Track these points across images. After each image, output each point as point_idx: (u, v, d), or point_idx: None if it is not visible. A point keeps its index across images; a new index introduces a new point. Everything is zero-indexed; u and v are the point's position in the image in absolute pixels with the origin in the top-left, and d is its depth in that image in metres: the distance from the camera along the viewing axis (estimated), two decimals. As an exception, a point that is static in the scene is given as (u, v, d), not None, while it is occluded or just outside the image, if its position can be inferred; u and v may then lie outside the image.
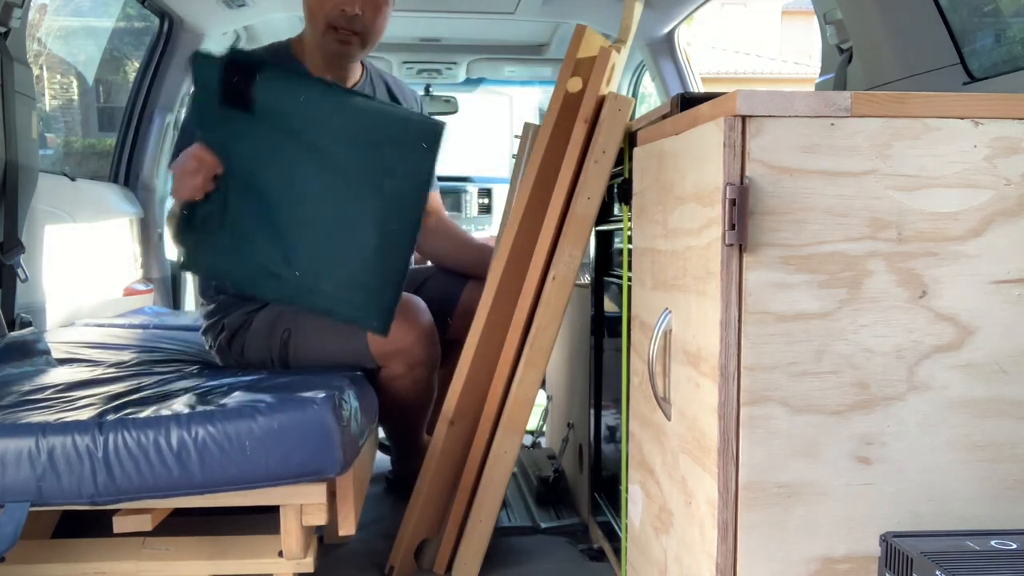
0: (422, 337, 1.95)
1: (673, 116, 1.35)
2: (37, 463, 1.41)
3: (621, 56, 1.85)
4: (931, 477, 1.11)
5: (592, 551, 1.95)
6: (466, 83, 4.74)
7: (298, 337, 1.99)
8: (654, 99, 3.98)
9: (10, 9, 2.23)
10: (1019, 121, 1.10)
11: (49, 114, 4.68)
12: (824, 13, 2.30)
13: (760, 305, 1.07)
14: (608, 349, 1.91)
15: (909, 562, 0.96)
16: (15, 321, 2.27)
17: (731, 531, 1.10)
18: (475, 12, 3.51)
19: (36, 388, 1.71)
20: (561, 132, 1.78)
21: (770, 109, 1.06)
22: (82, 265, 2.87)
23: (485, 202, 5.27)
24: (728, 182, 1.06)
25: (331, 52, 2.05)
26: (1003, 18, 2.20)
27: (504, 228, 1.89)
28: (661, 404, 1.31)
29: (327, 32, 1.99)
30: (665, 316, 1.29)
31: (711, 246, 1.10)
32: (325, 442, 1.48)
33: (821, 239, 1.08)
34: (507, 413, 1.78)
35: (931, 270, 1.10)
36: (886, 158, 1.08)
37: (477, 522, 1.80)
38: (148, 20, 3.46)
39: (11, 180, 2.26)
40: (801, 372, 1.09)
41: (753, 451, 1.09)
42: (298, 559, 1.55)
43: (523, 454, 2.60)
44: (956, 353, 1.11)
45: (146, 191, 3.44)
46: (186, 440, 1.44)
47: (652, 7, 3.18)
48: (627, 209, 1.63)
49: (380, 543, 1.97)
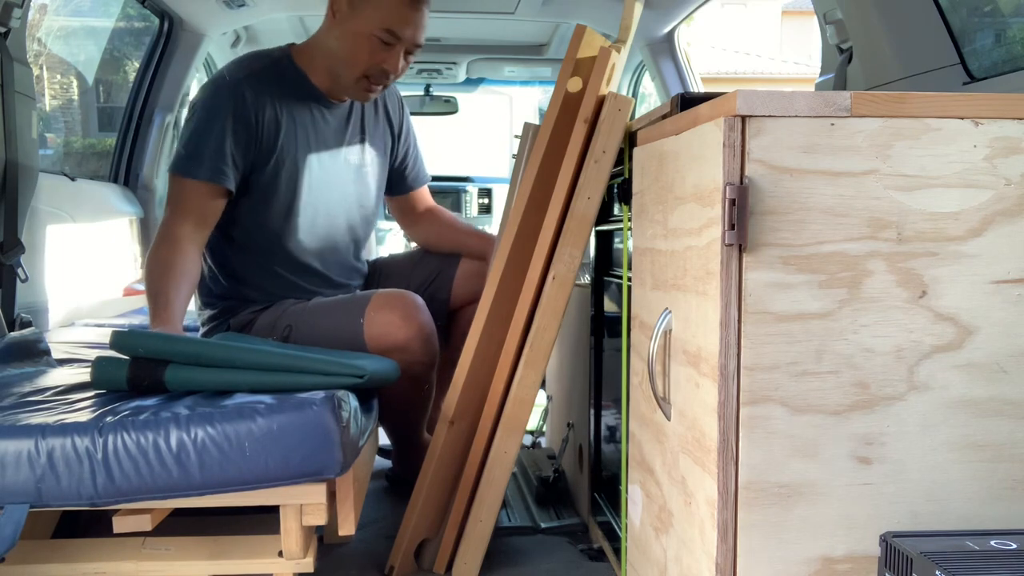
0: (420, 334, 1.95)
1: (673, 116, 1.35)
2: (37, 465, 1.41)
3: (621, 56, 1.85)
4: (931, 477, 1.11)
5: (592, 551, 1.95)
6: (466, 83, 4.74)
7: (298, 333, 2.00)
8: (654, 99, 3.97)
9: (10, 9, 2.23)
10: (1019, 121, 1.10)
11: (49, 114, 4.67)
12: (824, 13, 2.30)
13: (760, 305, 1.07)
14: (608, 349, 1.91)
15: (909, 562, 0.96)
16: (15, 321, 2.27)
17: (731, 531, 1.10)
18: (475, 12, 3.51)
19: (36, 389, 1.70)
20: (561, 132, 1.77)
21: (770, 109, 1.06)
22: (82, 265, 2.86)
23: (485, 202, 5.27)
24: (728, 182, 1.06)
25: (352, 96, 2.10)
26: (1003, 18, 2.20)
27: (504, 228, 1.89)
28: (661, 404, 1.31)
29: (360, 80, 2.03)
30: (665, 316, 1.29)
31: (711, 246, 1.10)
32: (325, 443, 1.48)
33: (821, 239, 1.08)
34: (507, 413, 1.78)
35: (931, 270, 1.10)
36: (886, 158, 1.08)
37: (477, 522, 1.80)
38: (148, 20, 3.46)
39: (11, 180, 2.26)
40: (801, 372, 1.09)
41: (753, 451, 1.09)
42: (298, 559, 1.55)
43: (523, 454, 2.60)
44: (956, 353, 1.11)
45: (146, 191, 3.44)
46: (186, 441, 1.44)
47: (652, 7, 3.18)
48: (627, 209, 1.63)
49: (380, 543, 1.97)
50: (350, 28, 1.99)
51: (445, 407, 1.84)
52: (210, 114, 1.96)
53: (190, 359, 1.63)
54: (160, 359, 1.63)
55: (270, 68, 2.05)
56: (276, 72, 2.05)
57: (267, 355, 1.66)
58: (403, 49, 2.01)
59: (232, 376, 1.62)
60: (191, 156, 1.95)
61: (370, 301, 1.97)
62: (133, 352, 1.65)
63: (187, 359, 1.63)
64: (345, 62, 2.02)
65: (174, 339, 1.67)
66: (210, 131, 1.95)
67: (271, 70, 2.05)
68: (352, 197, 2.20)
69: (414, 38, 2.01)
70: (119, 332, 1.67)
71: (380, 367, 1.74)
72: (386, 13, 1.96)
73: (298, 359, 1.65)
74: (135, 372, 1.63)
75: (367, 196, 2.25)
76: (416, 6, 1.99)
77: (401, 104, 2.37)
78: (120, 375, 1.64)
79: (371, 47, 1.98)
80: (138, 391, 1.64)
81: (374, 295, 2.01)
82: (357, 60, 2.00)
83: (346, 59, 2.01)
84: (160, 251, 1.90)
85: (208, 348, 1.67)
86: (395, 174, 2.35)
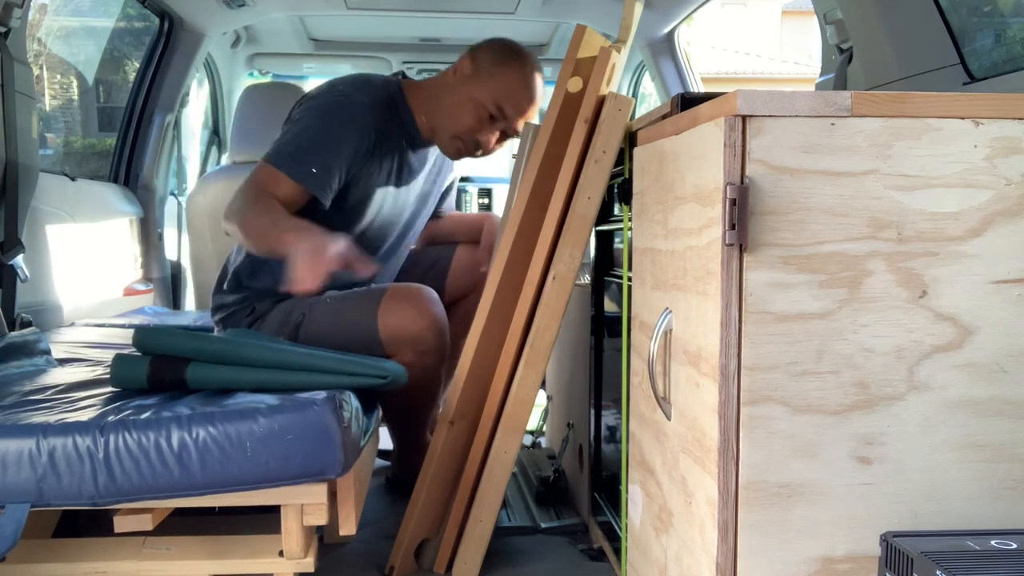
0: (433, 325, 1.97)
1: (673, 116, 1.35)
2: (38, 464, 1.41)
3: (621, 56, 1.85)
4: (931, 477, 1.11)
5: (592, 551, 1.95)
6: (466, 83, 4.74)
7: (311, 321, 2.02)
8: (654, 99, 3.97)
9: (10, 9, 2.23)
10: (1019, 121, 1.10)
11: (49, 114, 4.67)
12: (824, 13, 2.30)
13: (760, 305, 1.08)
14: (608, 349, 1.91)
15: (909, 562, 0.96)
16: (15, 321, 2.28)
17: (731, 531, 1.10)
18: (475, 12, 3.51)
19: (37, 388, 1.71)
20: (561, 132, 1.78)
21: (770, 109, 1.06)
22: (82, 265, 2.86)
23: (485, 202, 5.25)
24: (728, 182, 1.06)
25: (441, 149, 2.15)
26: (1003, 18, 2.20)
27: (504, 228, 1.89)
28: (661, 404, 1.31)
29: (454, 139, 2.09)
30: (665, 316, 1.29)
31: (711, 246, 1.10)
32: (326, 443, 1.48)
33: (821, 239, 1.08)
34: (507, 413, 1.78)
35: (931, 270, 1.10)
36: (886, 158, 1.08)
37: (477, 522, 1.80)
38: (148, 20, 3.46)
39: (11, 180, 2.26)
40: (801, 372, 1.09)
41: (753, 451, 1.09)
42: (298, 559, 1.55)
43: (523, 454, 2.60)
44: (956, 353, 1.11)
45: (146, 191, 3.44)
46: (187, 441, 1.44)
47: (652, 7, 3.18)
48: (627, 209, 1.63)
49: (380, 543, 1.98)
50: (466, 91, 2.05)
51: (445, 407, 1.84)
52: (333, 126, 1.98)
53: (214, 357, 1.64)
54: (181, 357, 1.63)
55: (389, 102, 2.09)
56: (392, 107, 2.09)
57: (290, 354, 1.67)
58: (502, 129, 2.07)
59: (253, 375, 1.62)
60: (300, 159, 1.94)
61: (385, 294, 2.00)
62: (157, 350, 1.65)
63: (211, 357, 1.64)
64: (449, 120, 2.07)
65: (198, 337, 1.67)
66: (328, 143, 1.96)
67: (390, 104, 2.09)
68: (409, 227, 2.28)
69: (516, 124, 2.07)
70: (142, 329, 1.68)
71: (396, 369, 1.76)
72: (504, 92, 2.03)
73: (322, 359, 1.66)
74: (156, 370, 1.64)
75: (416, 229, 2.33)
76: (532, 96, 2.06)
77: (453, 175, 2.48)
78: (140, 373, 1.64)
79: (478, 116, 2.04)
80: (159, 389, 1.64)
81: (389, 288, 2.04)
82: (460, 123, 2.05)
83: (451, 118, 2.07)
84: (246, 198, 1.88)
85: (231, 347, 1.67)
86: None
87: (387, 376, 1.69)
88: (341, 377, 1.64)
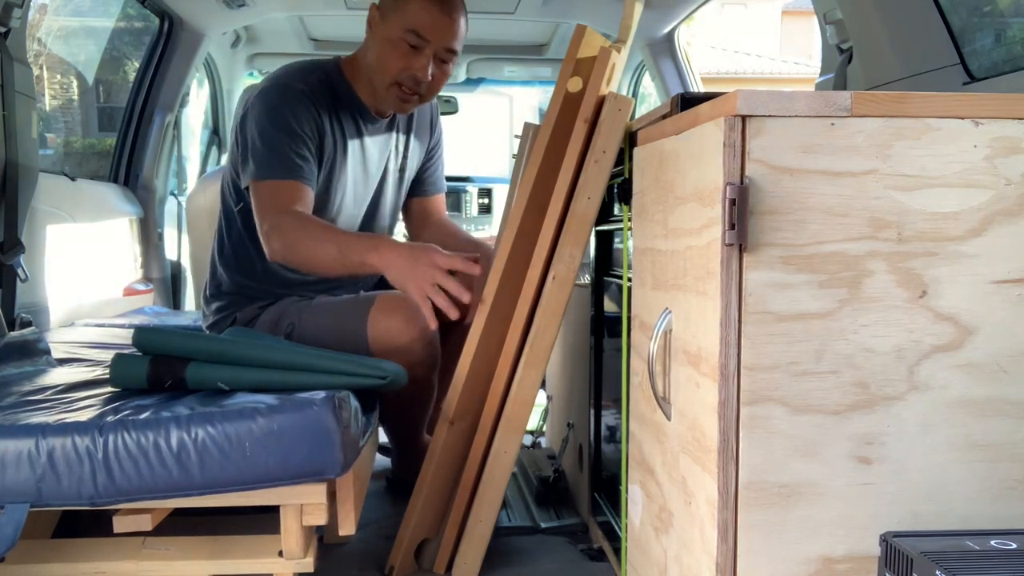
0: (423, 337, 1.95)
1: (673, 116, 1.35)
2: (37, 464, 1.41)
3: (621, 56, 1.85)
4: (931, 477, 1.11)
5: (592, 551, 1.95)
6: (466, 83, 4.74)
7: (301, 331, 2.01)
8: (654, 99, 3.97)
9: (10, 9, 2.23)
10: (1019, 121, 1.10)
11: (49, 114, 4.67)
12: (824, 13, 2.30)
13: (760, 305, 1.07)
14: (608, 349, 1.91)
15: (909, 562, 0.96)
16: (15, 321, 2.28)
17: (731, 531, 1.10)
18: (475, 12, 3.49)
19: (36, 388, 1.71)
20: (561, 132, 1.77)
21: (770, 109, 1.06)
22: (82, 265, 2.87)
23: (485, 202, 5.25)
24: (728, 182, 1.06)
25: (390, 107, 2.11)
26: (1003, 18, 2.20)
27: (504, 228, 1.89)
28: (661, 404, 1.31)
29: (391, 87, 2.05)
30: (665, 316, 1.29)
31: (711, 246, 1.10)
32: (325, 443, 1.48)
33: (821, 239, 1.08)
34: (507, 413, 1.78)
35: (931, 270, 1.10)
36: (886, 158, 1.08)
37: (477, 522, 1.80)
38: (148, 20, 3.46)
39: (11, 180, 2.26)
40: (801, 372, 1.09)
41: (753, 451, 1.09)
42: (298, 559, 1.55)
43: (523, 454, 2.60)
44: (956, 353, 1.11)
45: (146, 191, 3.44)
46: (186, 441, 1.44)
47: (652, 7, 3.17)
48: (627, 209, 1.63)
49: (380, 543, 1.97)
50: (380, 35, 2.03)
51: (445, 407, 1.84)
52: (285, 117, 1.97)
53: (214, 357, 1.64)
54: (181, 357, 1.63)
55: (325, 82, 2.08)
56: (329, 86, 2.08)
57: (290, 354, 1.67)
58: (432, 54, 2.03)
59: (254, 374, 1.63)
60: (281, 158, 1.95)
61: (374, 303, 1.98)
62: (157, 350, 1.65)
63: (212, 357, 1.64)
64: (377, 70, 2.04)
65: (198, 337, 1.67)
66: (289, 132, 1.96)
67: (326, 83, 2.08)
68: (377, 209, 2.25)
69: (442, 41, 2.02)
70: (142, 329, 1.68)
71: (395, 369, 1.76)
72: (411, 15, 1.99)
73: (322, 358, 1.66)
74: (156, 370, 1.64)
75: (391, 208, 2.30)
76: (441, 8, 2.01)
77: (436, 118, 2.41)
78: (140, 373, 1.64)
79: (399, 52, 2.00)
80: (159, 389, 1.64)
81: (378, 297, 2.01)
82: (387, 66, 2.02)
83: (378, 67, 2.04)
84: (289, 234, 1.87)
85: (232, 346, 1.67)
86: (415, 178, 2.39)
87: (387, 376, 1.69)
88: (340, 377, 1.64)
